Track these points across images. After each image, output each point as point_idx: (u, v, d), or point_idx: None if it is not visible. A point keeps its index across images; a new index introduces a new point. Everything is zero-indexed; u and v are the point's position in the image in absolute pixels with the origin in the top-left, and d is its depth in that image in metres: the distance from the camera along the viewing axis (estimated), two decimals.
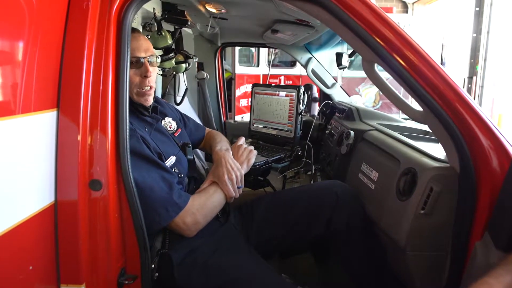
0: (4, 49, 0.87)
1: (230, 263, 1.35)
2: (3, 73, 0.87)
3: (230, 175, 1.43)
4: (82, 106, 1.02)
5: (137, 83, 1.33)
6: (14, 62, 0.89)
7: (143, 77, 1.33)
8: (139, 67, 1.32)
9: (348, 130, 1.82)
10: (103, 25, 1.06)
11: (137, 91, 1.34)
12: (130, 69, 1.27)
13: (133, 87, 1.32)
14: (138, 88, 1.34)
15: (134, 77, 1.31)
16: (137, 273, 1.16)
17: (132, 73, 1.30)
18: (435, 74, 1.06)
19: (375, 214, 1.41)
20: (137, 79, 1.32)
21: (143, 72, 1.32)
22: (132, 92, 1.33)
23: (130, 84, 1.30)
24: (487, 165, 1.06)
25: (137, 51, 1.31)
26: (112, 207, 1.06)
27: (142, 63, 1.32)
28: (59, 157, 1.01)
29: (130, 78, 1.28)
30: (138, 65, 1.32)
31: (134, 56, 1.30)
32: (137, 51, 1.31)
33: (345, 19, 1.06)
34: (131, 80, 1.30)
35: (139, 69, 1.32)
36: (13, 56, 0.89)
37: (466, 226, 1.07)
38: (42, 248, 0.98)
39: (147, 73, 1.33)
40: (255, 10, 1.99)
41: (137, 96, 1.35)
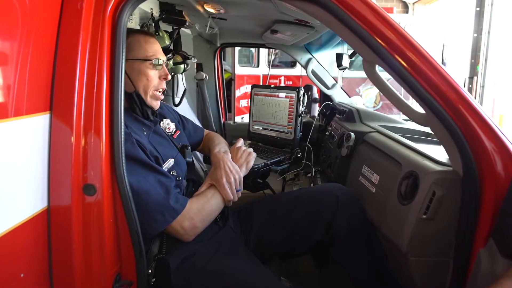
0: None
1: (229, 268, 1.32)
2: None
3: (229, 178, 1.40)
4: (76, 109, 1.00)
5: (156, 85, 1.36)
6: (6, 64, 0.87)
7: (162, 79, 1.37)
8: (159, 69, 1.36)
9: (348, 132, 1.80)
10: (97, 25, 1.04)
11: (153, 93, 1.37)
12: (153, 70, 1.34)
13: (150, 88, 1.35)
14: (155, 89, 1.37)
15: (155, 78, 1.36)
16: (133, 278, 1.14)
17: (154, 74, 1.35)
18: (437, 75, 1.04)
19: (376, 218, 1.38)
20: (156, 81, 1.36)
21: (162, 74, 1.37)
22: (147, 93, 1.35)
23: (150, 84, 1.34)
24: (491, 168, 1.03)
25: (159, 53, 1.37)
26: (106, 212, 1.04)
27: (162, 65, 1.36)
28: (52, 162, 0.98)
29: (151, 78, 1.34)
30: (159, 67, 1.35)
31: (158, 58, 1.34)
32: (159, 54, 1.37)
33: (345, 19, 1.04)
34: (152, 81, 1.34)
35: (159, 71, 1.36)
36: (4, 57, 0.87)
37: (470, 231, 1.04)
38: (34, 255, 0.95)
39: (166, 75, 1.38)
40: (254, 10, 1.96)
41: (151, 99, 1.37)
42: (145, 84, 1.34)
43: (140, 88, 1.33)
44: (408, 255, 1.16)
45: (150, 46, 1.35)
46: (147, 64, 1.33)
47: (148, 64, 1.33)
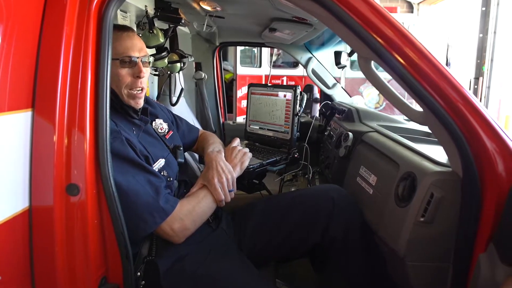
0: None
1: (221, 273, 1.28)
2: None
3: (221, 178, 1.37)
4: (59, 106, 0.96)
5: (129, 84, 1.28)
6: None
7: (136, 78, 1.28)
8: (132, 67, 1.27)
9: (346, 131, 1.75)
10: (82, 20, 1.00)
11: (128, 92, 1.28)
12: (122, 68, 1.24)
13: (123, 88, 1.27)
14: (129, 89, 1.28)
15: (126, 77, 1.26)
16: (119, 281, 1.10)
17: (125, 73, 1.26)
18: (435, 71, 0.99)
19: (373, 221, 1.34)
20: (128, 79, 1.27)
21: (136, 72, 1.27)
22: (122, 93, 1.28)
23: (121, 84, 1.26)
24: (492, 169, 0.98)
25: (131, 50, 1.26)
26: (91, 213, 1.00)
27: (135, 62, 1.27)
28: (34, 160, 0.95)
29: (121, 77, 1.25)
30: (131, 65, 1.26)
31: (128, 55, 1.25)
32: (131, 50, 1.26)
33: (338, 13, 0.99)
34: (122, 80, 1.25)
35: (131, 69, 1.27)
36: None
37: (470, 235, 1.00)
38: (15, 257, 0.92)
39: (140, 73, 1.27)
40: (251, 7, 1.93)
41: (127, 98, 1.29)
42: (117, 84, 1.26)
43: (114, 88, 1.26)
44: (406, 259, 1.11)
45: (120, 43, 1.25)
46: (116, 63, 1.24)
47: (117, 63, 1.24)
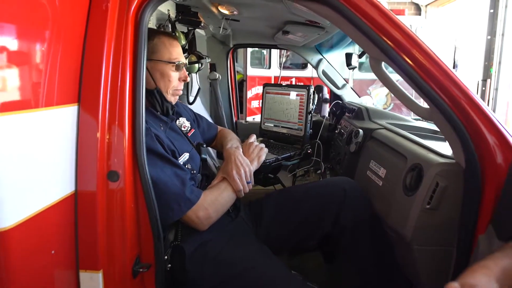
0: (29, 47, 0.93)
1: (240, 257, 1.39)
2: (29, 69, 0.92)
3: (239, 171, 1.47)
4: (101, 102, 1.08)
5: (175, 85, 1.46)
6: (39, 59, 0.95)
7: (181, 81, 1.48)
8: (179, 71, 1.46)
9: (357, 128, 1.85)
10: (121, 24, 1.12)
11: (173, 91, 1.47)
12: (174, 71, 1.44)
13: (171, 88, 1.45)
14: (174, 89, 1.47)
15: (175, 79, 1.46)
16: (151, 261, 1.21)
17: (175, 75, 1.45)
18: (440, 71, 1.09)
19: (382, 210, 1.44)
20: (176, 82, 1.46)
21: (182, 76, 1.47)
22: (167, 92, 1.45)
23: (169, 84, 1.44)
24: (492, 160, 1.08)
25: (180, 56, 1.46)
26: (128, 197, 1.11)
27: (182, 67, 1.46)
28: (79, 149, 1.06)
29: (172, 79, 1.44)
30: (179, 69, 1.45)
31: (179, 61, 1.44)
32: (181, 57, 1.46)
33: (352, 18, 1.10)
34: (172, 81, 1.45)
35: (179, 72, 1.46)
36: (37, 53, 0.95)
37: (472, 220, 1.09)
38: (63, 234, 1.03)
39: (186, 78, 1.49)
40: (266, 11, 2.04)
41: (171, 96, 1.47)
42: (166, 84, 1.43)
43: (162, 87, 1.42)
44: (413, 244, 1.21)
45: (174, 49, 1.44)
46: (170, 66, 1.42)
47: (171, 67, 1.42)
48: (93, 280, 1.09)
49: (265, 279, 1.32)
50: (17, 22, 0.87)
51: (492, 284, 0.58)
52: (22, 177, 0.87)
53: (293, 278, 1.37)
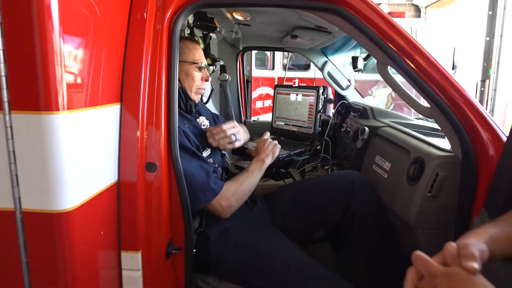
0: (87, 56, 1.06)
1: (260, 243, 1.53)
2: (85, 73, 1.06)
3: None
4: (141, 101, 1.22)
5: (198, 84, 1.62)
6: (89, 64, 1.09)
7: (203, 81, 1.64)
8: (202, 71, 1.62)
9: (363, 126, 2.00)
10: (157, 32, 1.26)
11: (196, 90, 1.62)
12: (198, 72, 1.59)
13: (194, 87, 1.61)
14: (198, 88, 1.62)
15: (198, 79, 1.61)
16: (182, 245, 1.35)
17: (198, 75, 1.61)
18: (440, 74, 1.24)
19: (388, 199, 1.58)
20: (199, 81, 1.62)
21: (204, 76, 1.64)
22: (191, 90, 1.60)
23: (193, 83, 1.60)
24: (485, 153, 1.22)
25: (202, 58, 1.62)
26: (164, 187, 1.26)
27: (204, 68, 1.62)
28: (122, 143, 1.20)
29: (195, 78, 1.60)
30: (201, 70, 1.61)
31: (202, 62, 1.61)
32: (203, 59, 1.62)
33: (362, 27, 1.25)
34: (196, 81, 1.61)
35: (201, 73, 1.62)
36: (90, 60, 1.08)
37: (468, 205, 1.24)
38: (109, 218, 1.18)
39: (208, 78, 1.65)
40: (278, 17, 2.17)
41: (195, 94, 1.62)
42: (190, 83, 1.58)
43: (186, 86, 1.57)
44: (416, 228, 1.35)
45: (197, 51, 1.60)
46: (193, 67, 1.57)
47: (195, 67, 1.58)
48: (133, 259, 1.24)
49: (282, 262, 1.46)
50: (74, 34, 1.00)
51: (481, 244, 0.72)
52: (80, 166, 1.01)
53: (308, 261, 1.50)
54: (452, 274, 0.65)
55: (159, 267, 1.30)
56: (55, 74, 0.89)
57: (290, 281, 1.42)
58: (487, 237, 0.75)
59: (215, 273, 1.54)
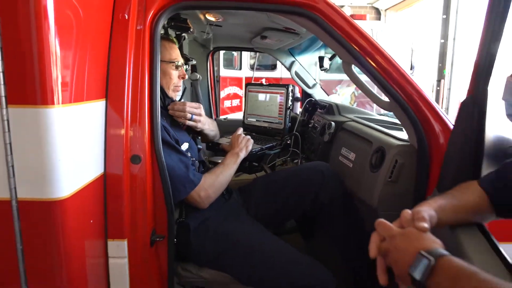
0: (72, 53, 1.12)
1: (237, 230, 1.63)
2: (74, 70, 1.12)
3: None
4: (126, 98, 1.29)
5: (175, 82, 1.71)
6: (79, 62, 1.15)
7: (180, 78, 1.72)
8: (178, 70, 1.71)
9: (329, 121, 2.15)
10: (139, 32, 1.33)
11: (174, 87, 1.71)
12: (174, 70, 1.67)
13: (172, 84, 1.69)
14: (175, 85, 1.71)
15: (175, 77, 1.70)
16: (164, 233, 1.43)
17: (175, 74, 1.69)
18: (397, 72, 1.39)
19: (353, 187, 1.73)
20: (176, 79, 1.71)
21: (181, 74, 1.72)
22: (169, 88, 1.68)
23: (170, 81, 1.68)
24: (437, 141, 1.39)
25: (179, 57, 1.70)
26: (148, 177, 1.33)
27: (181, 67, 1.71)
28: (107, 137, 1.27)
29: (172, 77, 1.68)
30: (178, 68, 1.70)
31: (178, 61, 1.69)
32: (179, 57, 1.71)
33: (330, 30, 1.38)
34: (173, 79, 1.69)
35: (178, 71, 1.71)
36: (77, 57, 1.14)
37: (423, 188, 1.40)
38: (97, 208, 1.24)
39: (184, 75, 1.74)
40: (249, 19, 2.28)
41: (172, 91, 1.71)
42: (168, 81, 1.66)
43: (164, 84, 1.64)
44: (378, 210, 1.50)
45: (173, 51, 1.68)
46: (170, 66, 1.66)
47: (172, 66, 1.66)
48: (119, 247, 1.30)
49: (259, 248, 1.57)
50: (66, 33, 1.06)
51: (431, 210, 0.87)
52: (72, 157, 1.07)
53: (285, 246, 1.61)
54: (407, 233, 0.78)
55: (144, 255, 1.37)
56: (50, 71, 0.96)
57: (268, 265, 1.53)
58: (436, 206, 0.90)
59: (195, 261, 1.63)
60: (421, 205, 0.89)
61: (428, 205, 0.90)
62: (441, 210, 0.90)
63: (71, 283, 1.11)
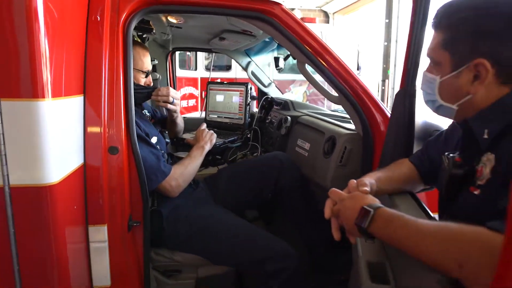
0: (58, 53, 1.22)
1: (206, 215, 1.79)
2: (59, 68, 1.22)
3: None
4: (102, 93, 1.39)
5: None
6: (63, 60, 1.24)
7: (146, 84, 1.86)
8: (147, 77, 1.85)
9: (286, 116, 2.35)
10: (113, 33, 1.44)
11: None
12: (143, 78, 1.81)
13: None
14: None
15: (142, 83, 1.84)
16: (140, 219, 1.55)
17: (143, 81, 1.84)
18: (344, 70, 1.61)
19: (309, 173, 1.94)
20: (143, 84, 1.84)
21: (147, 81, 1.87)
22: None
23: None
24: (378, 130, 1.63)
25: (149, 66, 1.84)
26: (125, 167, 1.45)
27: (149, 74, 1.85)
28: (86, 129, 1.37)
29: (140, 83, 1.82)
30: (147, 76, 1.85)
31: (148, 70, 1.84)
32: (149, 66, 1.84)
33: (286, 33, 1.57)
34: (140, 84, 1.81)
35: (146, 79, 1.85)
36: (62, 57, 1.24)
37: (368, 169, 1.62)
38: (79, 196, 1.34)
39: (150, 83, 1.89)
40: (209, 21, 2.42)
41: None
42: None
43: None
44: None
45: (146, 59, 1.81)
46: (140, 74, 1.80)
47: (142, 74, 1.80)
48: (100, 232, 1.41)
49: (227, 229, 1.73)
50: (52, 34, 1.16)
51: (371, 180, 1.08)
52: (59, 146, 1.17)
53: (250, 226, 1.79)
54: (353, 195, 0.99)
55: (123, 239, 1.48)
56: (41, 68, 1.06)
57: (233, 243, 1.70)
58: (376, 177, 1.11)
59: (167, 246, 1.76)
60: (364, 176, 1.11)
61: (369, 176, 1.12)
62: (379, 180, 1.12)
63: (60, 263, 1.21)
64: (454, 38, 0.93)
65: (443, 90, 0.98)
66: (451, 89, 0.96)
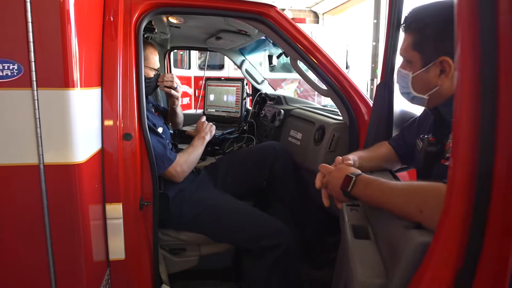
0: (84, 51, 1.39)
1: (208, 196, 1.97)
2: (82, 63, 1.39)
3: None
4: (118, 85, 1.57)
5: None
6: (87, 57, 1.41)
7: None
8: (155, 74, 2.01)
9: (279, 110, 2.54)
10: (126, 32, 1.61)
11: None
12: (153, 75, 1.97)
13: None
14: None
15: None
16: (150, 200, 1.72)
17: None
18: (332, 66, 1.81)
19: (301, 160, 2.13)
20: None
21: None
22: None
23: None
24: (363, 119, 1.83)
25: (158, 63, 2.03)
26: (138, 152, 1.62)
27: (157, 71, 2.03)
28: (103, 117, 1.54)
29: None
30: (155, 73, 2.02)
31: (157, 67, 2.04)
32: (158, 63, 2.02)
33: (280, 33, 1.76)
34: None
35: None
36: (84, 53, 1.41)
37: None
38: (98, 175, 1.51)
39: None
40: (207, 21, 2.59)
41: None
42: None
43: None
44: None
45: (156, 58, 2.02)
46: (152, 70, 1.99)
47: (153, 71, 1.99)
48: (115, 210, 1.58)
49: (228, 208, 1.92)
50: (80, 34, 1.33)
51: (354, 157, 1.28)
52: (84, 130, 1.34)
53: (245, 205, 1.98)
54: (339, 168, 1.18)
55: (135, 217, 1.65)
56: (71, 62, 1.23)
57: (233, 221, 1.89)
58: (358, 155, 1.31)
59: (173, 226, 1.94)
60: (348, 154, 1.30)
61: (353, 154, 1.31)
62: (361, 158, 1.32)
63: (86, 236, 1.38)
64: (422, 40, 1.13)
65: (415, 83, 1.18)
66: (422, 82, 1.16)
